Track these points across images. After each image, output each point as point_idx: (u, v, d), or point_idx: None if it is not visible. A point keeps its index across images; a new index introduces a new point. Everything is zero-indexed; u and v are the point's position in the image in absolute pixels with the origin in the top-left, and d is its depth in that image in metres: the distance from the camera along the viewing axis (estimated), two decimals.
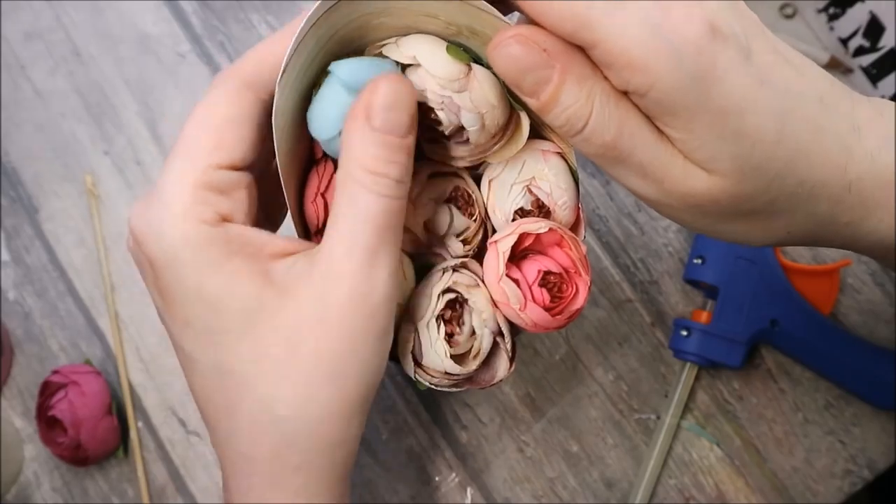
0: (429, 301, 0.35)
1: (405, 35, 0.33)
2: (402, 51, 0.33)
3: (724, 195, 0.30)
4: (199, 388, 0.34)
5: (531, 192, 0.35)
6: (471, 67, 0.32)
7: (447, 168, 0.36)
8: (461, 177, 0.37)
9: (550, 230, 0.35)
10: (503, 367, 0.36)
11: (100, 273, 0.56)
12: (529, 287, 0.35)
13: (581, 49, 0.29)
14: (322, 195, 0.34)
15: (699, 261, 0.53)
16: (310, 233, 0.35)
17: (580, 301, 0.35)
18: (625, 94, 0.29)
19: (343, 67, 0.32)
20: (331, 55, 0.33)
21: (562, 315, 0.35)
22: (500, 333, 0.36)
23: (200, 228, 0.32)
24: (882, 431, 0.54)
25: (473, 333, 0.35)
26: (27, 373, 0.55)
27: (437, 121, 0.33)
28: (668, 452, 0.54)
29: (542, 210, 0.36)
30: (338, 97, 0.32)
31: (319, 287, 0.31)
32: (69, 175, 0.57)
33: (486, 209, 0.37)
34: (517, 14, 0.31)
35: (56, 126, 0.58)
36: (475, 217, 0.36)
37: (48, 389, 0.52)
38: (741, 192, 0.30)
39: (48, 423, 0.52)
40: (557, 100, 0.29)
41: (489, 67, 0.32)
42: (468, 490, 0.54)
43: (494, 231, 0.37)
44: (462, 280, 0.35)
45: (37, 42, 0.59)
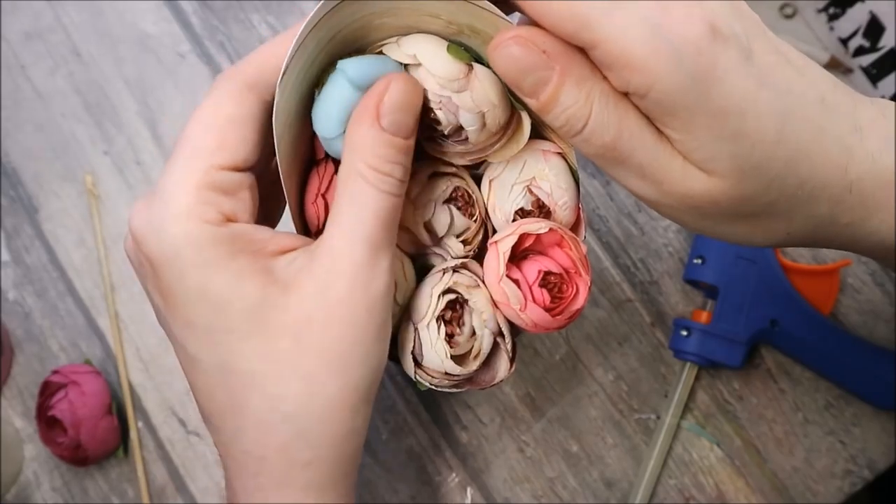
0: (429, 301, 0.35)
1: (406, 35, 0.33)
2: (404, 50, 0.33)
3: (724, 196, 0.30)
4: (202, 388, 0.34)
5: (532, 193, 0.35)
6: (472, 67, 0.32)
7: (447, 168, 0.36)
8: (461, 177, 0.36)
9: (551, 230, 0.35)
10: (503, 368, 0.36)
11: (100, 273, 0.56)
12: (530, 287, 0.35)
13: (581, 50, 0.29)
14: (322, 196, 0.34)
15: (699, 261, 0.53)
16: (310, 233, 0.35)
17: (580, 301, 0.35)
18: (625, 95, 0.29)
19: (351, 64, 0.32)
20: (332, 56, 0.33)
21: (562, 315, 0.35)
22: (501, 334, 0.36)
23: (203, 228, 0.31)
24: (882, 431, 0.54)
25: (474, 334, 0.35)
26: (27, 373, 0.55)
27: (436, 120, 0.33)
28: (668, 452, 0.54)
29: (543, 210, 0.36)
30: (344, 94, 0.32)
31: (322, 281, 0.32)
32: (69, 175, 0.57)
33: (487, 209, 0.37)
34: (518, 13, 0.31)
35: (56, 126, 0.58)
36: (475, 217, 0.36)
37: (48, 389, 0.52)
38: (741, 194, 0.30)
39: (48, 423, 0.52)
40: (557, 100, 0.29)
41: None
42: (468, 490, 0.54)
43: (495, 231, 0.37)
44: (462, 280, 0.35)
45: (37, 42, 0.59)
